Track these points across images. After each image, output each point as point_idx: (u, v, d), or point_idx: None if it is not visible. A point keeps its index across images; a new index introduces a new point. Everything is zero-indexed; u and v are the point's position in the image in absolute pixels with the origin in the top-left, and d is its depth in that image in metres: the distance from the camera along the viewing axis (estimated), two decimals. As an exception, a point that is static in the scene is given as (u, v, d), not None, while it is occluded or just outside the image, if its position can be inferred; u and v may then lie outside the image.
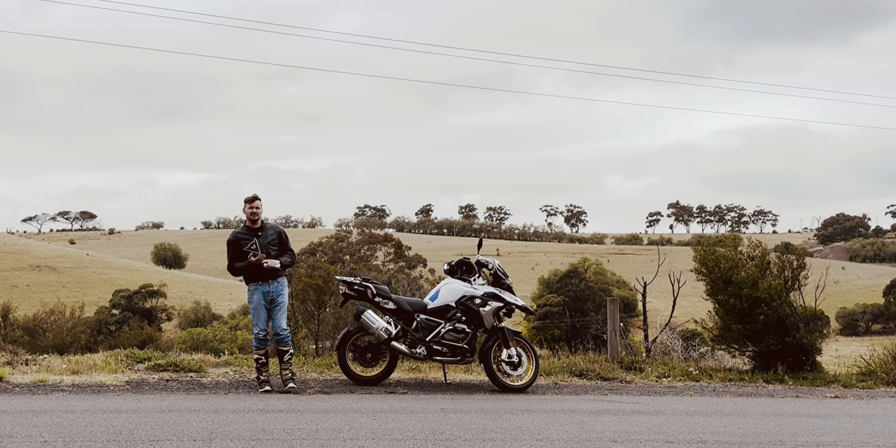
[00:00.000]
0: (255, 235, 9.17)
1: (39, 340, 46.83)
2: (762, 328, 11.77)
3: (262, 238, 9.16)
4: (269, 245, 9.17)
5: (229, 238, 9.30)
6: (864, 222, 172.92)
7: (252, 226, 9.22)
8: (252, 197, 9.12)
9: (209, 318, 61.90)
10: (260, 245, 9.10)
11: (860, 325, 78.31)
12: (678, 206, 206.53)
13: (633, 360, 11.94)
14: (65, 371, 9.50)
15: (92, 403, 7.79)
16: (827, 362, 13.88)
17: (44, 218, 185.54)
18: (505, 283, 9.86)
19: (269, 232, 9.26)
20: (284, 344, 9.13)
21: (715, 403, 9.28)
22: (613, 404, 8.85)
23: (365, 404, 8.19)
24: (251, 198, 9.12)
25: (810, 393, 10.60)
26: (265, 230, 9.24)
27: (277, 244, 9.25)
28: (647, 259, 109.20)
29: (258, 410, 7.62)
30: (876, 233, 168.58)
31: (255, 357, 9.10)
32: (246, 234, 9.21)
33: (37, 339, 47.79)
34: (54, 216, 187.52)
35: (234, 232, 9.38)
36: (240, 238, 9.20)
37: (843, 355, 23.46)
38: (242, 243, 9.15)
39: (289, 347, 9.17)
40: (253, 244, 9.10)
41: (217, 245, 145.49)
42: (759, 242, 12.90)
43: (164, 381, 9.26)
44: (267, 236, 9.20)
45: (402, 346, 9.45)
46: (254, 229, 9.22)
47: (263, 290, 9.12)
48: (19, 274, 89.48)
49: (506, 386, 9.49)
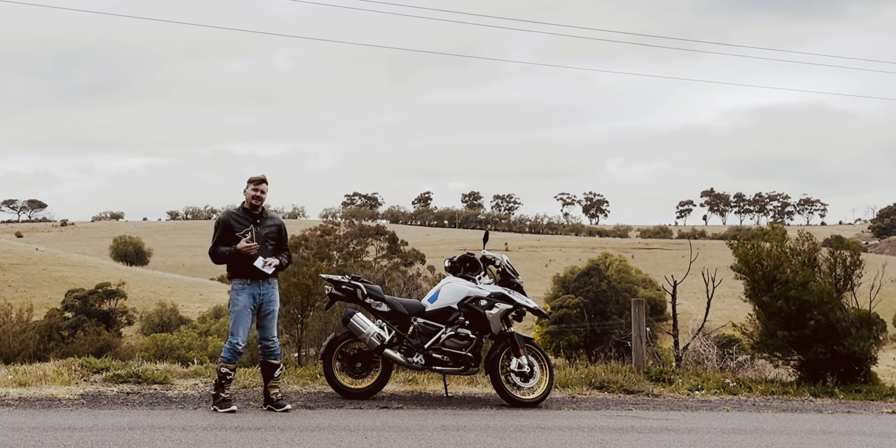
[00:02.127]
0: (252, 222, 8.73)
1: (-19, 347, 46.94)
2: (810, 334, 11.77)
3: (260, 226, 8.74)
4: (266, 237, 8.74)
5: (221, 216, 8.84)
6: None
7: (252, 210, 8.77)
8: (260, 178, 8.75)
9: (176, 322, 62.13)
10: (256, 234, 8.67)
11: (921, 331, 78.24)
12: (713, 195, 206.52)
13: (662, 371, 11.95)
14: (10, 383, 9.51)
15: (42, 420, 7.79)
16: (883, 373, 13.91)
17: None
18: (514, 282, 9.86)
19: (270, 222, 8.84)
20: (274, 357, 8.77)
21: (755, 420, 9.29)
22: (638, 421, 8.86)
23: (354, 421, 8.20)
24: (259, 178, 8.74)
25: (864, 408, 10.61)
26: (265, 219, 8.83)
27: (276, 239, 8.84)
28: (677, 254, 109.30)
29: (232, 428, 7.63)
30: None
31: (224, 371, 8.56)
32: (243, 217, 8.73)
33: (-22, 345, 47.89)
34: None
35: (228, 211, 8.89)
36: (234, 219, 8.71)
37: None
38: (236, 227, 8.66)
39: (279, 361, 8.84)
40: (248, 231, 8.64)
41: (185, 239, 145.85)
42: (810, 236, 12.86)
43: (124, 395, 9.27)
44: (266, 226, 8.78)
45: (396, 354, 9.45)
46: (253, 214, 8.77)
47: (253, 292, 8.67)
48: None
49: (515, 400, 9.50)
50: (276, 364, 8.80)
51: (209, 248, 8.77)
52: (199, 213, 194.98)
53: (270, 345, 8.76)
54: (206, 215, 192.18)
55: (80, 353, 30.37)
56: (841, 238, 41.59)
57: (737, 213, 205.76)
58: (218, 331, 51.29)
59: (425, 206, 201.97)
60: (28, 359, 24.04)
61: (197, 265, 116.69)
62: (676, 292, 15.47)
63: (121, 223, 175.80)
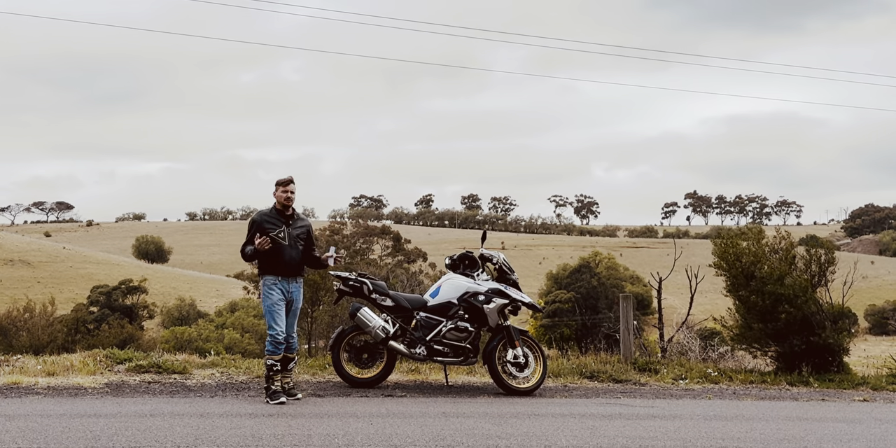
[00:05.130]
0: (285, 223, 8.61)
1: (13, 340, 46.94)
2: (786, 327, 11.76)
3: (291, 227, 8.61)
4: (297, 238, 8.63)
5: (254, 217, 8.69)
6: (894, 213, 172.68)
7: (283, 211, 8.65)
8: (287, 179, 8.62)
9: (194, 315, 62.00)
10: (288, 235, 8.56)
11: (890, 324, 78.30)
12: (695, 197, 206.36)
13: (648, 361, 11.94)
14: (40, 373, 9.51)
15: (69, 407, 7.79)
16: (855, 363, 13.89)
17: (17, 209, 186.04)
18: (510, 278, 9.85)
19: (300, 224, 8.73)
20: (291, 350, 8.70)
21: (735, 407, 9.28)
22: (626, 408, 8.85)
23: (360, 408, 8.20)
24: (286, 180, 8.61)
25: (837, 396, 10.60)
26: (296, 220, 8.70)
27: (305, 239, 8.72)
28: (662, 253, 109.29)
29: (246, 415, 7.62)
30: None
31: (269, 363, 8.47)
32: (275, 219, 8.61)
33: (10, 338, 47.89)
34: (28, 207, 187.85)
35: (261, 212, 8.74)
36: (267, 220, 8.58)
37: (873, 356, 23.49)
38: (268, 228, 8.52)
39: (295, 354, 8.80)
40: (280, 232, 8.53)
41: (203, 238, 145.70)
42: (787, 234, 12.86)
43: (145, 384, 9.26)
44: (297, 227, 8.66)
45: (400, 345, 9.45)
46: (285, 215, 8.65)
47: (283, 288, 8.58)
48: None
49: (511, 388, 9.50)
50: (291, 357, 8.75)
51: (241, 246, 8.66)
52: (215, 214, 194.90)
53: (290, 339, 8.70)
54: (221, 216, 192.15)
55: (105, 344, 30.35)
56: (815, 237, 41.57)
57: (718, 214, 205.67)
58: (233, 324, 51.19)
59: (427, 207, 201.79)
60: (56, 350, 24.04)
61: (214, 263, 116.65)
62: (662, 288, 15.46)
63: (142, 223, 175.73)
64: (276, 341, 8.48)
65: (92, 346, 29.40)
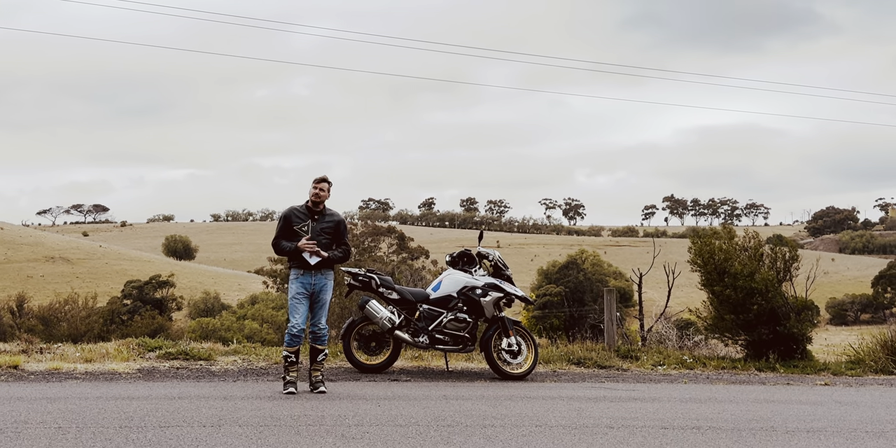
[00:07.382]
0: (311, 217, 8.22)
1: (54, 329, 46.89)
2: (755, 318, 11.76)
3: (317, 221, 8.20)
4: (322, 231, 8.17)
5: (284, 211, 8.34)
6: (853, 215, 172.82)
7: (312, 207, 8.27)
8: (321, 178, 8.24)
9: (218, 307, 61.93)
10: (312, 228, 8.16)
11: (849, 315, 78.35)
12: (673, 200, 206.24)
13: (630, 349, 11.93)
14: (78, 359, 9.51)
15: (104, 391, 7.79)
16: (817, 351, 13.89)
17: (58, 211, 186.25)
18: (505, 274, 9.85)
19: (328, 218, 8.27)
20: (321, 342, 8.16)
21: (708, 391, 9.28)
22: (610, 391, 8.85)
23: (369, 391, 8.19)
24: (320, 178, 8.24)
25: (801, 380, 10.59)
26: (324, 215, 8.27)
27: (332, 233, 8.23)
28: (642, 251, 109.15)
29: (266, 398, 7.62)
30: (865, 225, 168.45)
31: (285, 354, 8.04)
32: (303, 213, 8.24)
33: (51, 328, 47.85)
34: (68, 209, 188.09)
35: (292, 207, 8.36)
36: (295, 214, 8.24)
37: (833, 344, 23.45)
38: (295, 221, 8.19)
39: (324, 347, 8.21)
40: (305, 225, 8.16)
41: (226, 237, 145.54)
42: (756, 234, 12.86)
43: (174, 369, 9.26)
44: (323, 221, 8.22)
45: (405, 335, 9.44)
46: (313, 211, 8.26)
47: (304, 281, 8.12)
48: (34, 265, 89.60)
49: (506, 374, 9.49)
50: (320, 349, 8.18)
51: (273, 239, 8.32)
52: (237, 215, 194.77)
53: (317, 331, 8.16)
54: (243, 217, 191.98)
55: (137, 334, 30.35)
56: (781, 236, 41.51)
57: (693, 216, 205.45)
58: (253, 315, 51.03)
59: (429, 209, 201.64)
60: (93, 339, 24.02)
61: (236, 260, 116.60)
62: (642, 282, 15.44)
63: (171, 224, 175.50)
64: (291, 334, 8.01)
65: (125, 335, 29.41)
